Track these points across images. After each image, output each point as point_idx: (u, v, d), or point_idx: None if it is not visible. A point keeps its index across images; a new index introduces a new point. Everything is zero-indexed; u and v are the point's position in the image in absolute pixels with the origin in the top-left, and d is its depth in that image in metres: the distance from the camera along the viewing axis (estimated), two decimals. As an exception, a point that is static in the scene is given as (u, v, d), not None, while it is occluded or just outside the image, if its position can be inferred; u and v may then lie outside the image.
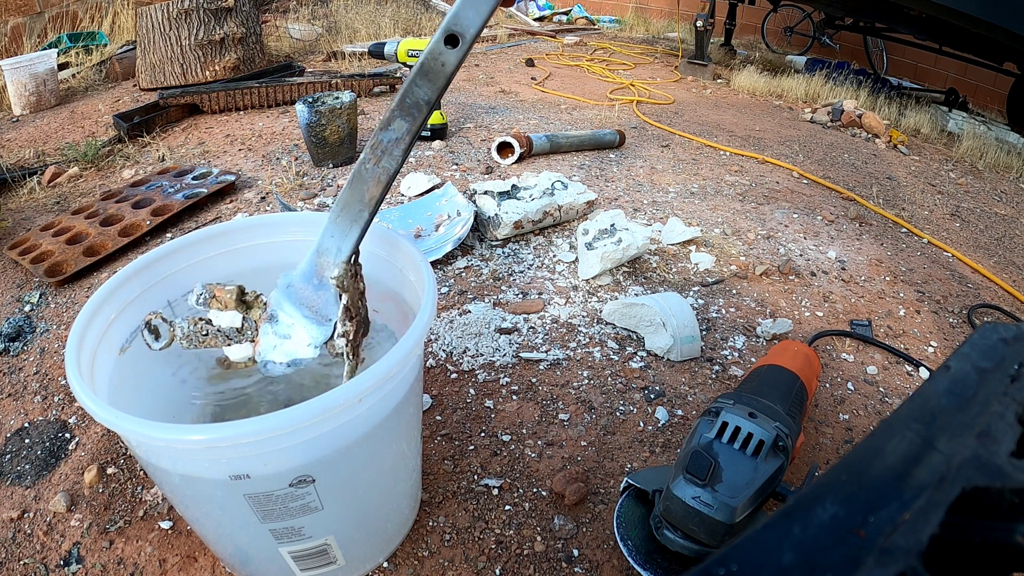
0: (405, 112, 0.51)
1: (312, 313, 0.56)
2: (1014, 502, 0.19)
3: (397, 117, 0.52)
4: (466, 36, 0.48)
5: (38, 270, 1.23)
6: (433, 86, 0.50)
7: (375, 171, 0.53)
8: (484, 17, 0.47)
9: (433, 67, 0.49)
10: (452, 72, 0.49)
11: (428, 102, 0.51)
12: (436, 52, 0.49)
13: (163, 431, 0.44)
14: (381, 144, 0.52)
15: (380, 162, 0.53)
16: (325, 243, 0.55)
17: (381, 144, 0.52)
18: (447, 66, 0.49)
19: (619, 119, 2.35)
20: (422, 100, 0.51)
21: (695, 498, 0.61)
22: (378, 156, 0.53)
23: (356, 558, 0.66)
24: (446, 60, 0.49)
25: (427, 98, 0.51)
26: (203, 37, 2.35)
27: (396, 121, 0.52)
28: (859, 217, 1.66)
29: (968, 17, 2.17)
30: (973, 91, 3.66)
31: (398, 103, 0.51)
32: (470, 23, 0.47)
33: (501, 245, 1.37)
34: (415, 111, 0.51)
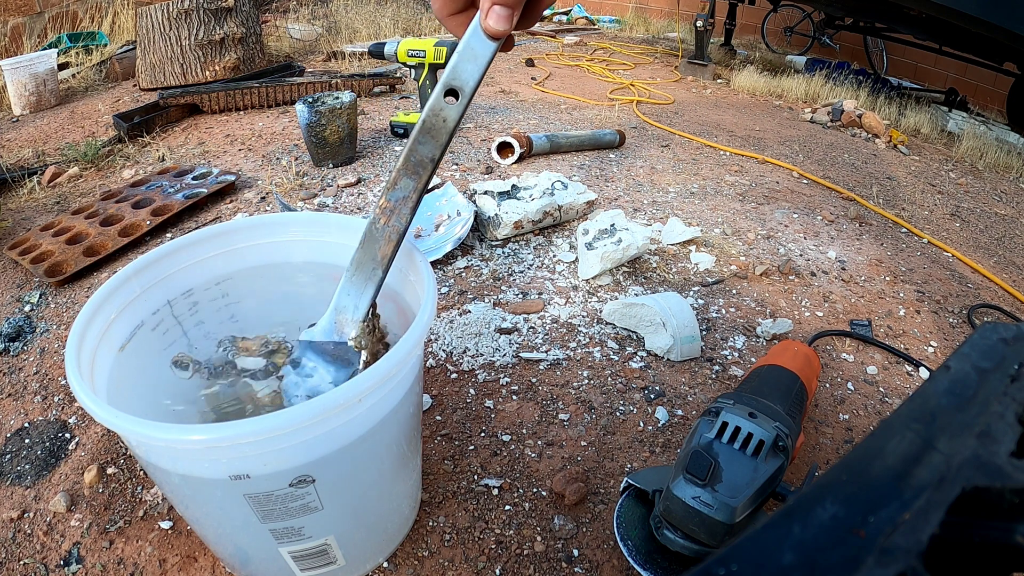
0: (410, 171, 0.52)
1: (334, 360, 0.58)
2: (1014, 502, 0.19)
3: (403, 176, 0.52)
4: (465, 90, 0.48)
5: (38, 270, 1.23)
6: (436, 143, 0.50)
7: (385, 230, 0.54)
8: (482, 70, 0.47)
9: (435, 124, 0.50)
10: (454, 127, 0.50)
11: (432, 159, 0.51)
12: (437, 108, 0.49)
13: (163, 431, 0.44)
14: (389, 204, 0.53)
15: (390, 221, 0.54)
16: (342, 302, 0.57)
17: (389, 204, 0.53)
18: (448, 121, 0.49)
19: (619, 119, 2.35)
20: (426, 158, 0.51)
21: (695, 498, 0.61)
22: (387, 215, 0.53)
23: (356, 558, 0.66)
24: (447, 116, 0.49)
25: (431, 155, 0.51)
26: (203, 37, 2.35)
27: (403, 180, 0.52)
28: (859, 217, 1.66)
29: (968, 17, 2.17)
30: (973, 91, 3.66)
31: (403, 162, 0.52)
32: (468, 76, 0.47)
33: (501, 245, 1.37)
34: (420, 169, 0.52)
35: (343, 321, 0.57)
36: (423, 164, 0.52)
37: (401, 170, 0.52)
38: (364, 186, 1.63)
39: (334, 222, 0.71)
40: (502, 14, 0.43)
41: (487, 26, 0.44)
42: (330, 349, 0.58)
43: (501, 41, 0.46)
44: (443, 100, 0.49)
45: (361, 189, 1.61)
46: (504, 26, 0.43)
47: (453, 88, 0.48)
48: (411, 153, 0.51)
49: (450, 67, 0.47)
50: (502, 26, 0.43)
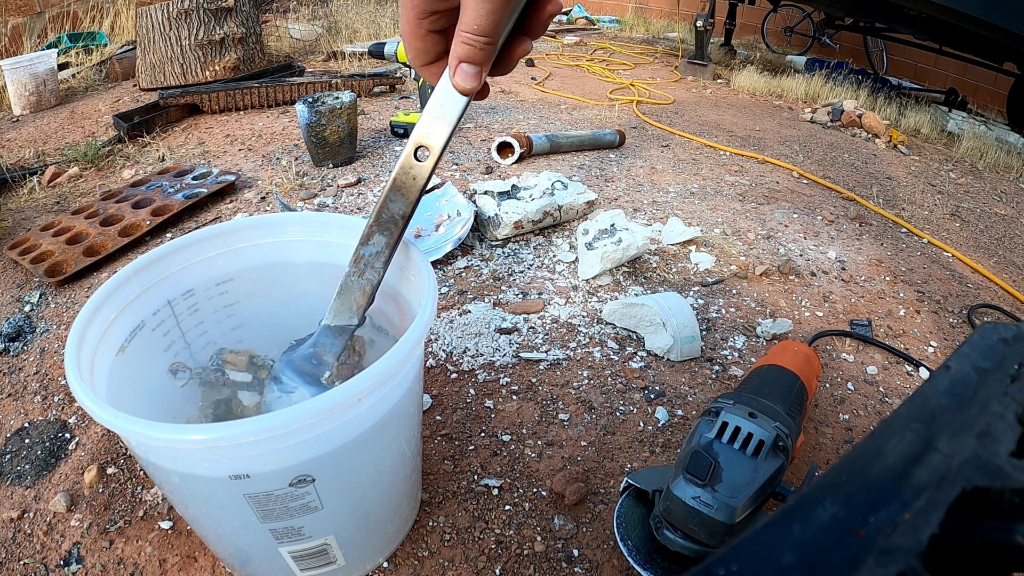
0: (382, 227, 0.54)
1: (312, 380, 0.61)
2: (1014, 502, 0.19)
3: (376, 232, 0.54)
4: (435, 148, 0.48)
5: (38, 270, 1.23)
6: (406, 200, 0.52)
7: (360, 283, 0.57)
8: (452, 126, 0.47)
9: (405, 181, 0.51)
10: (424, 184, 0.50)
11: (403, 216, 0.53)
12: (407, 167, 0.50)
13: (162, 431, 0.44)
14: (363, 258, 0.55)
15: (364, 275, 0.56)
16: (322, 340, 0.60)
17: (363, 258, 0.55)
18: (418, 179, 0.50)
19: (619, 119, 2.35)
20: (397, 215, 0.53)
21: (695, 498, 0.61)
22: (361, 269, 0.56)
23: (356, 558, 0.66)
24: (417, 174, 0.50)
25: (402, 212, 0.52)
26: (203, 37, 2.35)
27: (375, 236, 0.54)
28: (859, 217, 1.66)
29: (968, 17, 2.17)
30: (973, 91, 3.66)
31: (375, 218, 0.53)
32: (439, 135, 0.48)
33: (501, 245, 1.37)
34: (391, 225, 0.53)
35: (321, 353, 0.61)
36: (394, 221, 0.53)
37: (373, 226, 0.54)
38: (364, 186, 1.63)
39: (334, 222, 0.71)
40: (470, 72, 0.42)
41: (456, 83, 0.43)
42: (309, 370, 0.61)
43: (471, 96, 0.45)
44: (413, 158, 0.49)
45: (361, 189, 1.61)
46: (472, 84, 0.43)
47: (423, 146, 0.49)
48: (382, 210, 0.53)
49: (420, 124, 0.48)
50: (470, 84, 0.43)
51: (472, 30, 0.40)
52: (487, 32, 0.40)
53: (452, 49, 0.42)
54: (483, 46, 0.41)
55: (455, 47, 0.41)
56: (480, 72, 0.42)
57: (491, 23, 0.39)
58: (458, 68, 0.42)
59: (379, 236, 0.54)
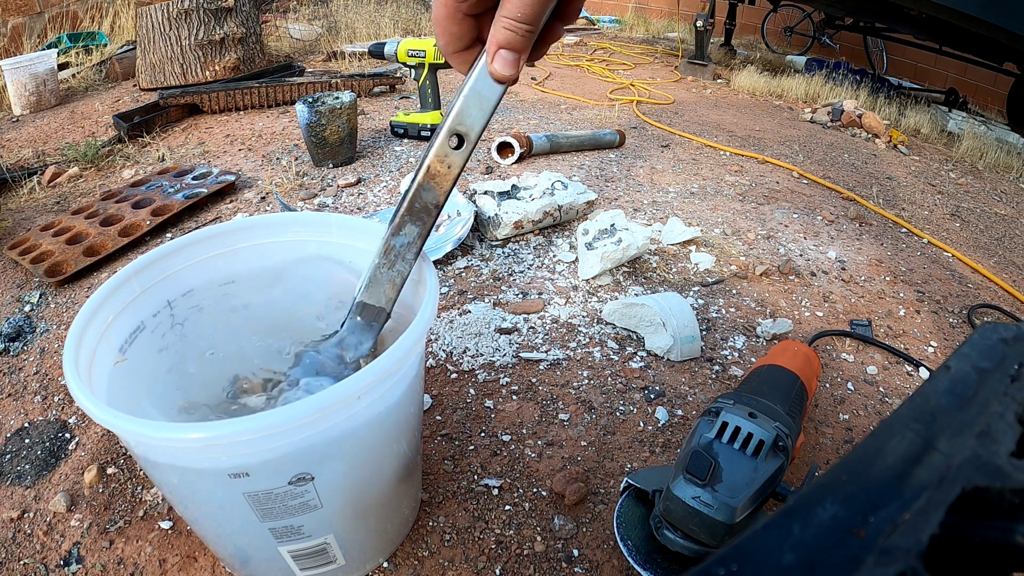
0: (415, 217, 0.51)
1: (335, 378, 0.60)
2: (1014, 502, 0.19)
3: (408, 222, 0.52)
4: (471, 135, 0.47)
5: (38, 270, 1.23)
6: (440, 189, 0.50)
7: (390, 275, 0.54)
8: (488, 114, 0.46)
9: (439, 170, 0.49)
10: (458, 173, 0.49)
11: (437, 205, 0.51)
12: (442, 154, 0.48)
13: (161, 430, 0.44)
14: (394, 249, 0.53)
15: (394, 266, 0.54)
16: (348, 339, 0.58)
17: (394, 249, 0.53)
18: (453, 168, 0.49)
19: (619, 119, 2.35)
20: (430, 204, 0.51)
21: (695, 498, 0.61)
22: (391, 261, 0.54)
23: (356, 558, 0.66)
24: (451, 162, 0.48)
25: (435, 202, 0.50)
26: (203, 37, 2.35)
27: (407, 226, 0.52)
28: (859, 217, 1.66)
29: (968, 17, 2.17)
30: (973, 91, 3.66)
31: (407, 207, 0.51)
32: (475, 121, 0.46)
33: (501, 245, 1.37)
34: (424, 215, 0.51)
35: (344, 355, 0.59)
36: (427, 210, 0.51)
37: (405, 215, 0.51)
38: (364, 186, 1.63)
39: (335, 222, 0.71)
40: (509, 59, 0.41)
41: (493, 70, 0.42)
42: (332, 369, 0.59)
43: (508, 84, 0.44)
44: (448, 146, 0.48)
45: (361, 189, 1.61)
46: (511, 71, 0.42)
47: (458, 133, 0.47)
48: (415, 199, 0.50)
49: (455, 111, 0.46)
50: (509, 71, 0.42)
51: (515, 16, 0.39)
52: (529, 19, 0.39)
53: (491, 35, 0.41)
54: (524, 33, 0.40)
55: (495, 33, 0.40)
56: (519, 60, 0.41)
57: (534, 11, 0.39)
58: (497, 54, 0.41)
59: (411, 226, 0.52)
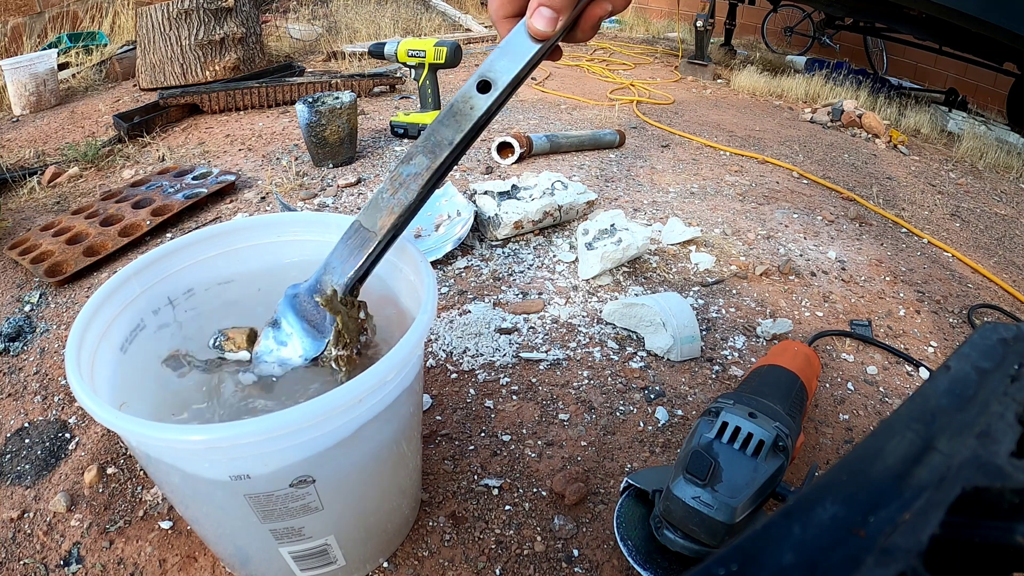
0: (427, 149, 0.52)
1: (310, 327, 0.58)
2: (1014, 502, 0.19)
3: (419, 153, 0.52)
4: (498, 83, 0.48)
5: (38, 270, 1.23)
6: (458, 127, 0.50)
7: (390, 201, 0.54)
8: (520, 67, 0.47)
9: (461, 109, 0.50)
10: (480, 117, 0.49)
11: (451, 143, 0.51)
12: (467, 96, 0.49)
13: (163, 431, 0.44)
14: (400, 176, 0.53)
15: (396, 193, 0.53)
16: (332, 262, 0.57)
17: (400, 176, 0.53)
18: (475, 110, 0.49)
19: (619, 119, 2.35)
20: (445, 140, 0.51)
21: (695, 498, 0.61)
22: (395, 187, 0.53)
23: (356, 558, 0.66)
24: (475, 104, 0.49)
25: (450, 139, 0.51)
26: (203, 37, 2.35)
27: (417, 157, 0.52)
28: (859, 217, 1.66)
29: (968, 17, 2.17)
30: (973, 91, 3.66)
31: (422, 140, 0.52)
32: (503, 70, 0.47)
33: (501, 245, 1.37)
34: (437, 149, 0.52)
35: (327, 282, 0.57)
36: (440, 145, 0.51)
37: (418, 146, 0.52)
38: (364, 186, 1.63)
39: (335, 222, 0.71)
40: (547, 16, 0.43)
41: (531, 25, 0.44)
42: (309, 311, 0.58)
43: (545, 44, 0.45)
44: (474, 89, 0.49)
45: (361, 189, 1.61)
46: (549, 28, 0.43)
47: (486, 80, 0.48)
48: (432, 132, 0.51)
49: (487, 60, 0.47)
50: (547, 27, 0.43)
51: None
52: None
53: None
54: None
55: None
56: (557, 18, 0.43)
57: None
58: (537, 10, 0.43)
59: (422, 157, 0.52)
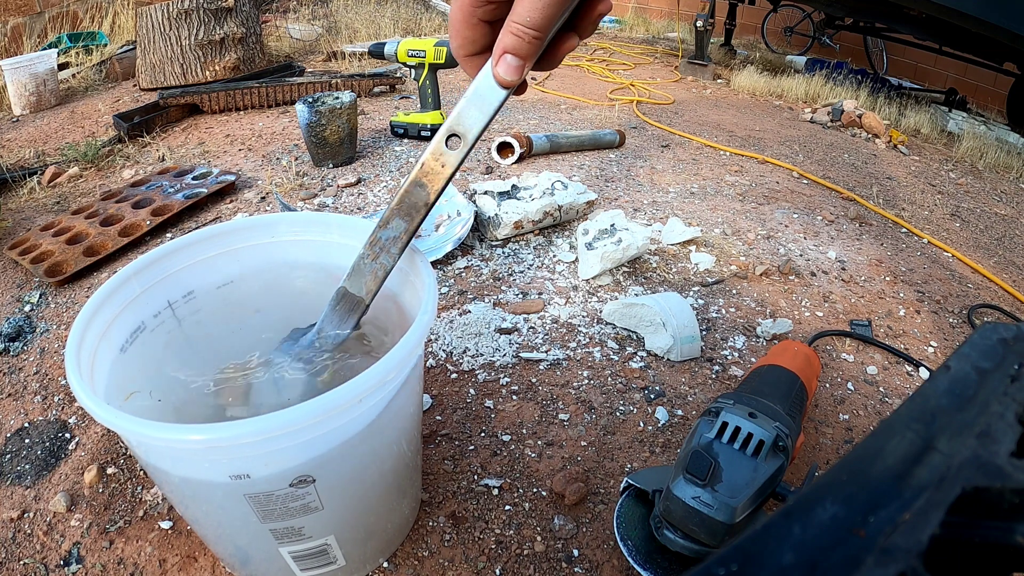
0: (403, 213, 0.52)
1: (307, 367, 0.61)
2: (1014, 502, 0.19)
3: (396, 216, 0.53)
4: (468, 136, 0.48)
5: (38, 270, 1.23)
6: (431, 188, 0.51)
7: (372, 266, 0.55)
8: (488, 117, 0.46)
9: (433, 168, 0.50)
10: (452, 173, 0.50)
11: (427, 204, 0.52)
12: (437, 152, 0.49)
13: (162, 431, 0.44)
14: (380, 241, 0.54)
15: (378, 259, 0.55)
16: (325, 328, 0.59)
17: (380, 241, 0.54)
18: (446, 167, 0.49)
19: (619, 119, 2.35)
20: (420, 203, 0.52)
21: (695, 498, 0.61)
22: (376, 253, 0.55)
23: (356, 558, 0.66)
24: (446, 161, 0.49)
25: (425, 200, 0.51)
26: (203, 37, 2.35)
27: (395, 220, 0.53)
28: (859, 217, 1.66)
29: (968, 17, 2.17)
30: (973, 91, 3.66)
31: (397, 203, 0.52)
32: (473, 123, 0.47)
33: (501, 245, 1.37)
34: (413, 212, 0.52)
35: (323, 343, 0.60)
36: (416, 208, 0.52)
37: (395, 210, 0.53)
38: (364, 186, 1.63)
39: (335, 222, 0.71)
40: (513, 64, 0.42)
41: (496, 74, 0.43)
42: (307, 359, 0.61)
43: (512, 89, 0.45)
44: (444, 145, 0.49)
45: (361, 189, 1.61)
46: (514, 77, 0.42)
47: (456, 133, 0.48)
48: (406, 195, 0.52)
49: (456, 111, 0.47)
50: (512, 76, 0.42)
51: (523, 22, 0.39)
52: (537, 26, 0.39)
53: (499, 39, 0.41)
54: (531, 40, 0.40)
55: (502, 37, 0.41)
56: (523, 66, 0.42)
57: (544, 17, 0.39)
58: (502, 59, 0.42)
59: (399, 221, 0.53)
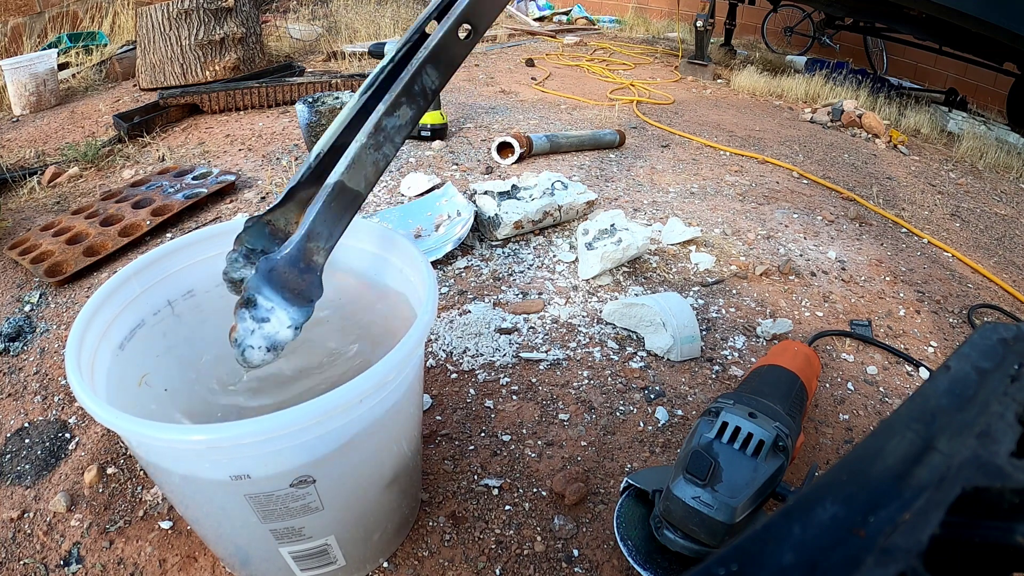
0: (411, 99, 0.49)
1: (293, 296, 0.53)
2: (1014, 502, 0.19)
3: (404, 104, 0.49)
4: (479, 28, 0.47)
5: (38, 270, 1.23)
6: (441, 75, 0.48)
7: (374, 156, 0.50)
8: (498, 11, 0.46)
9: (443, 57, 0.47)
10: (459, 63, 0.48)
11: (435, 91, 0.49)
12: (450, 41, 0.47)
13: (163, 431, 0.44)
14: (384, 129, 0.49)
15: (381, 148, 0.50)
16: (317, 228, 0.51)
17: (384, 129, 0.49)
18: (456, 58, 0.48)
19: (619, 119, 2.35)
20: (429, 88, 0.49)
21: (695, 498, 0.61)
22: (379, 142, 0.50)
23: (356, 558, 0.66)
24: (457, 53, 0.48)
25: (434, 87, 0.49)
26: (203, 37, 2.35)
27: (402, 108, 0.49)
28: (859, 217, 1.66)
29: (968, 17, 2.17)
30: (973, 91, 3.66)
31: (404, 88, 0.48)
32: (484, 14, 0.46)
33: (501, 245, 1.37)
34: (421, 99, 0.49)
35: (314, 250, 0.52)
36: (424, 94, 0.49)
37: (401, 95, 0.48)
38: (364, 186, 1.63)
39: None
40: None
41: None
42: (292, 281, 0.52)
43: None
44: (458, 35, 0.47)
45: (361, 189, 1.61)
46: None
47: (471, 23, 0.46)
48: (414, 80, 0.48)
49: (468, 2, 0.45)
50: None
51: None
52: None
53: None
54: None
55: None
56: None
57: None
58: None
59: (406, 108, 0.49)
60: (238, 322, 0.53)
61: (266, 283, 0.52)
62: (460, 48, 0.47)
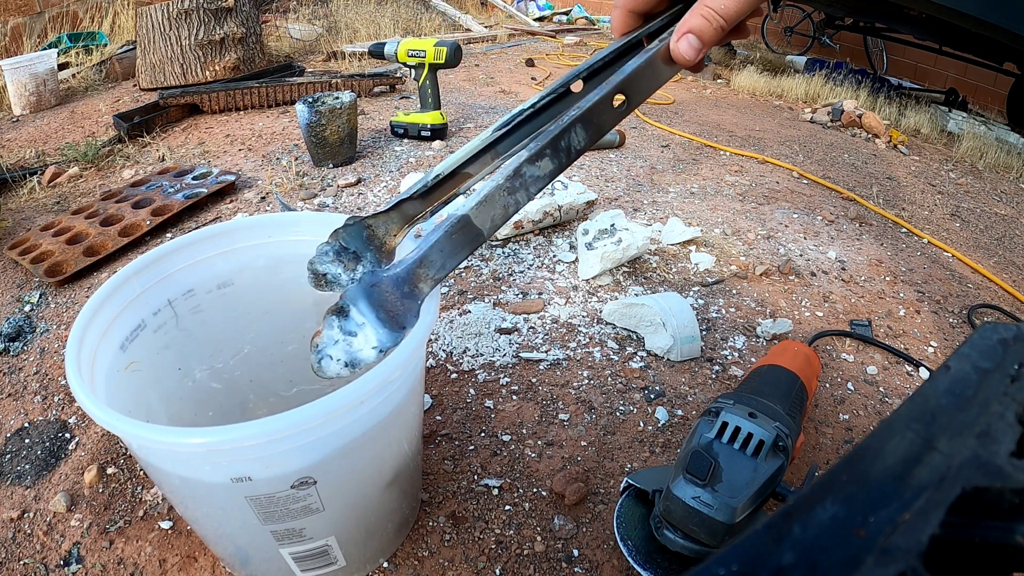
0: (556, 153, 0.49)
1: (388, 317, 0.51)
2: (1014, 502, 0.19)
3: (547, 156, 0.49)
4: (632, 100, 0.47)
5: (38, 270, 1.23)
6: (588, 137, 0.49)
7: (505, 200, 0.50)
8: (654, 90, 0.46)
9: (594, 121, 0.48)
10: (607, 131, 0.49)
11: (578, 152, 0.49)
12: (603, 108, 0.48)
13: (163, 434, 0.44)
14: (522, 176, 0.49)
15: (515, 194, 0.50)
16: (432, 256, 0.50)
17: (522, 176, 0.49)
18: (605, 126, 0.49)
19: (619, 119, 2.35)
20: (574, 147, 0.49)
21: (695, 498, 0.61)
22: (514, 187, 0.50)
23: (356, 558, 0.66)
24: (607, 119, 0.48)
25: (579, 147, 0.49)
26: (203, 37, 2.35)
27: (545, 159, 0.49)
28: (859, 217, 1.66)
29: (968, 17, 2.17)
30: (973, 91, 3.66)
31: (551, 141, 0.49)
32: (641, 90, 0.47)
33: (501, 245, 1.37)
34: (564, 155, 0.49)
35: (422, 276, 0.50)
36: (568, 152, 0.49)
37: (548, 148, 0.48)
38: (364, 186, 1.63)
39: (335, 222, 0.71)
40: (694, 44, 0.43)
41: (676, 49, 0.43)
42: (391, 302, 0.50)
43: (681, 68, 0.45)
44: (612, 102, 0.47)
45: (361, 189, 1.61)
46: (691, 56, 0.43)
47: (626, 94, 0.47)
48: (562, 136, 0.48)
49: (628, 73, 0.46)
50: (689, 56, 0.43)
51: (717, 8, 0.41)
52: (728, 16, 0.41)
53: (686, 17, 0.43)
54: (717, 27, 0.42)
55: (690, 16, 0.42)
56: (702, 49, 0.43)
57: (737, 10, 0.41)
58: (685, 36, 0.43)
59: (548, 161, 0.49)
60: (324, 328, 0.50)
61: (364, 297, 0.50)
62: (611, 116, 0.48)
